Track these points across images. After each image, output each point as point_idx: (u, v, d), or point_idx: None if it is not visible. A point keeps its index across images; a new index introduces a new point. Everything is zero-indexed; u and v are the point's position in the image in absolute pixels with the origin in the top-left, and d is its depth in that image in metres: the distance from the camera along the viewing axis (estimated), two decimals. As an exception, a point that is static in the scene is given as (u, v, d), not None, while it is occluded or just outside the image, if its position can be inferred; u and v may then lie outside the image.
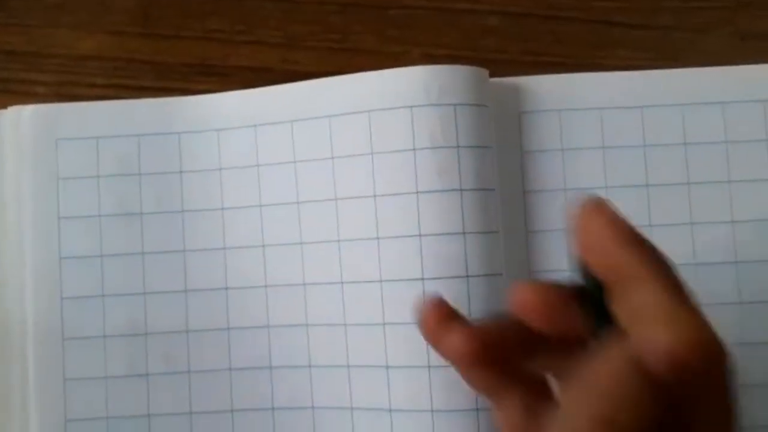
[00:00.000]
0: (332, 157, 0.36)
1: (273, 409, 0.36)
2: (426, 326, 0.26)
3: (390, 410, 0.34)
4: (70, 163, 0.37)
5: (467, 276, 0.34)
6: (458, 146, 0.34)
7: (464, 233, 0.34)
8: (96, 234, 0.37)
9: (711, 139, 0.37)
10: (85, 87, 0.39)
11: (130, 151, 0.37)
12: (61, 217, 0.37)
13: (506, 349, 0.25)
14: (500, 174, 0.36)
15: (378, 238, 0.35)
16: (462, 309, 0.33)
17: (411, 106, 0.35)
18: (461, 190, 0.34)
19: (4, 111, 0.38)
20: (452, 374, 0.26)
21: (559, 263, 0.36)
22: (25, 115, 0.37)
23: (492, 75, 0.36)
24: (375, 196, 0.35)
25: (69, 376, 0.36)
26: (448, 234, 0.34)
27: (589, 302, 0.24)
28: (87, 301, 0.37)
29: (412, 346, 0.34)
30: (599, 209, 0.25)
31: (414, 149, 0.35)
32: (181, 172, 0.37)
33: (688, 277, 0.35)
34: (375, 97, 0.35)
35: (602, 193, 0.36)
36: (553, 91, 0.37)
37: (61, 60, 0.39)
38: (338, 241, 0.36)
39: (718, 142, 0.37)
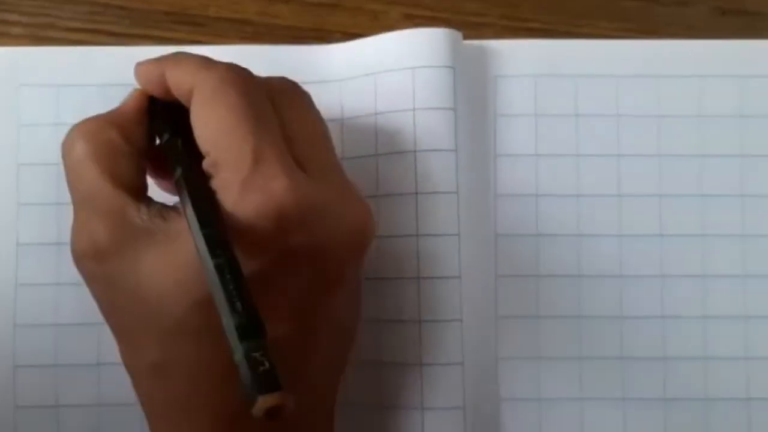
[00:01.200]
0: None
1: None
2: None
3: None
4: (32, 110, 0.36)
5: (417, 235, 0.34)
6: (414, 109, 0.34)
7: (417, 194, 0.34)
8: (54, 182, 0.36)
9: (685, 113, 0.36)
10: (62, 30, 0.38)
11: (92, 100, 0.36)
12: (20, 164, 0.36)
13: None
14: (472, 137, 0.36)
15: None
16: (410, 269, 0.34)
17: (374, 73, 0.35)
18: (415, 151, 0.34)
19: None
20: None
21: (525, 227, 0.36)
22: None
23: (471, 38, 0.36)
24: (344, 158, 0.35)
25: (19, 322, 0.35)
26: (400, 195, 0.34)
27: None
28: (43, 248, 0.36)
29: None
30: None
31: (376, 114, 0.35)
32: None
33: (652, 249, 0.36)
34: (344, 68, 0.36)
35: (573, 162, 0.36)
36: (530, 56, 0.37)
37: (39, 1, 0.38)
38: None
39: (692, 115, 0.36)
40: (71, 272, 0.34)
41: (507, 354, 0.36)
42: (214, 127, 0.27)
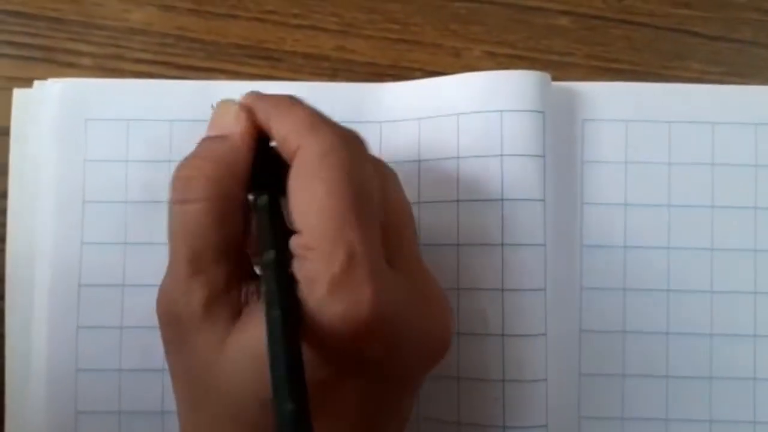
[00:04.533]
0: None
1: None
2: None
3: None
4: (99, 145, 0.35)
5: (502, 289, 0.32)
6: (502, 155, 0.33)
7: (502, 245, 0.32)
8: (120, 220, 0.35)
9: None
10: (131, 62, 0.37)
11: (162, 135, 0.35)
12: (86, 201, 0.35)
13: None
14: (558, 184, 0.34)
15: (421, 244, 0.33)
16: (494, 323, 0.32)
17: (457, 114, 0.34)
18: (502, 200, 0.33)
19: (38, 83, 0.36)
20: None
21: (610, 280, 0.35)
22: (55, 90, 0.35)
23: (555, 79, 0.34)
24: (420, 202, 0.34)
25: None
26: (486, 245, 0.33)
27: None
28: (105, 294, 0.34)
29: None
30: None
31: (458, 157, 0.34)
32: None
33: (723, 306, 0.34)
34: (424, 106, 0.35)
35: (664, 212, 0.34)
36: (621, 100, 0.35)
37: (109, 32, 0.37)
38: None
39: (791, 165, 0.35)
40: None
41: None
42: (310, 206, 0.24)
